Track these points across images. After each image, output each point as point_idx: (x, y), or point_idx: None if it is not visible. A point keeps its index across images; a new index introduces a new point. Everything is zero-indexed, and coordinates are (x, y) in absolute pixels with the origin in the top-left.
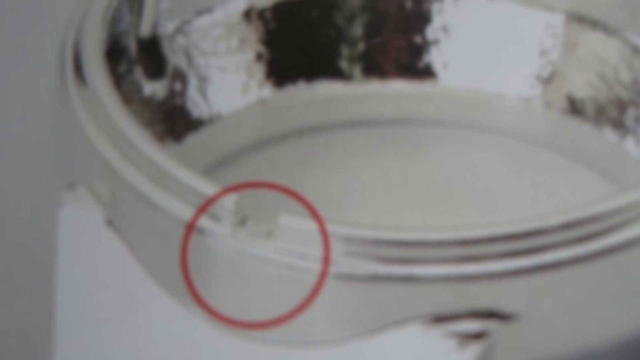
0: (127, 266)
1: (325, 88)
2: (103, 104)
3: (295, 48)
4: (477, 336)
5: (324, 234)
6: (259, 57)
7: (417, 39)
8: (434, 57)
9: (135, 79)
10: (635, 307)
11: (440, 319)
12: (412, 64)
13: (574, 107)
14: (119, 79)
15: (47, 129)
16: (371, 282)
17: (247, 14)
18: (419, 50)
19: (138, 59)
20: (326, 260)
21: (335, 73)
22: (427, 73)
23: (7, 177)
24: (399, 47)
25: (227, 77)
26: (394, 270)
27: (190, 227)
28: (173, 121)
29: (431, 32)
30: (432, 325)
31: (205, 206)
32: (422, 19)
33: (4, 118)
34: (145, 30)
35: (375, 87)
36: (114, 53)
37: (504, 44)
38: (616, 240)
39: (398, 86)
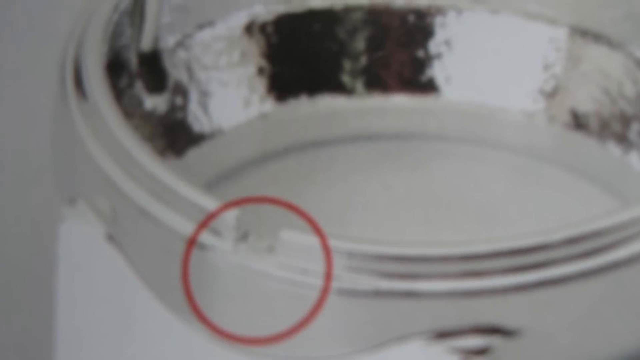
0: (127, 281)
1: (327, 102)
2: (104, 118)
3: (297, 62)
4: (480, 352)
5: (326, 249)
6: (260, 71)
7: (420, 53)
8: (437, 71)
9: (136, 93)
10: (638, 323)
11: (443, 334)
12: (414, 78)
13: (578, 122)
14: (119, 93)
15: (47, 143)
16: (373, 298)
17: (249, 28)
18: (421, 65)
19: (139, 73)
20: (328, 276)
21: (337, 87)
22: (429, 87)
23: (7, 192)
24: (401, 61)
25: (229, 92)
26: (396, 286)
27: (192, 242)
28: (174, 136)
29: (434, 46)
30: (435, 341)
31: (207, 221)
32: (424, 33)
33: (4, 132)
34: (146, 44)
35: (378, 102)
36: (115, 67)
37: (507, 58)
38: (620, 255)
39: (400, 100)
